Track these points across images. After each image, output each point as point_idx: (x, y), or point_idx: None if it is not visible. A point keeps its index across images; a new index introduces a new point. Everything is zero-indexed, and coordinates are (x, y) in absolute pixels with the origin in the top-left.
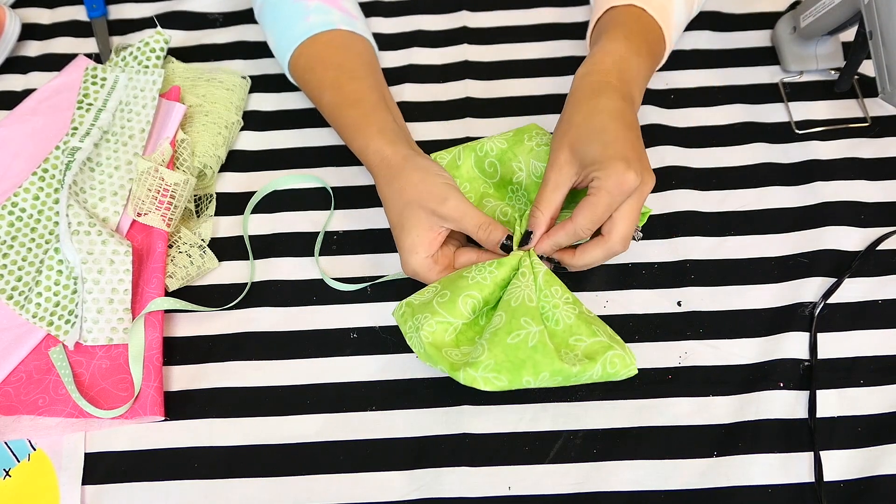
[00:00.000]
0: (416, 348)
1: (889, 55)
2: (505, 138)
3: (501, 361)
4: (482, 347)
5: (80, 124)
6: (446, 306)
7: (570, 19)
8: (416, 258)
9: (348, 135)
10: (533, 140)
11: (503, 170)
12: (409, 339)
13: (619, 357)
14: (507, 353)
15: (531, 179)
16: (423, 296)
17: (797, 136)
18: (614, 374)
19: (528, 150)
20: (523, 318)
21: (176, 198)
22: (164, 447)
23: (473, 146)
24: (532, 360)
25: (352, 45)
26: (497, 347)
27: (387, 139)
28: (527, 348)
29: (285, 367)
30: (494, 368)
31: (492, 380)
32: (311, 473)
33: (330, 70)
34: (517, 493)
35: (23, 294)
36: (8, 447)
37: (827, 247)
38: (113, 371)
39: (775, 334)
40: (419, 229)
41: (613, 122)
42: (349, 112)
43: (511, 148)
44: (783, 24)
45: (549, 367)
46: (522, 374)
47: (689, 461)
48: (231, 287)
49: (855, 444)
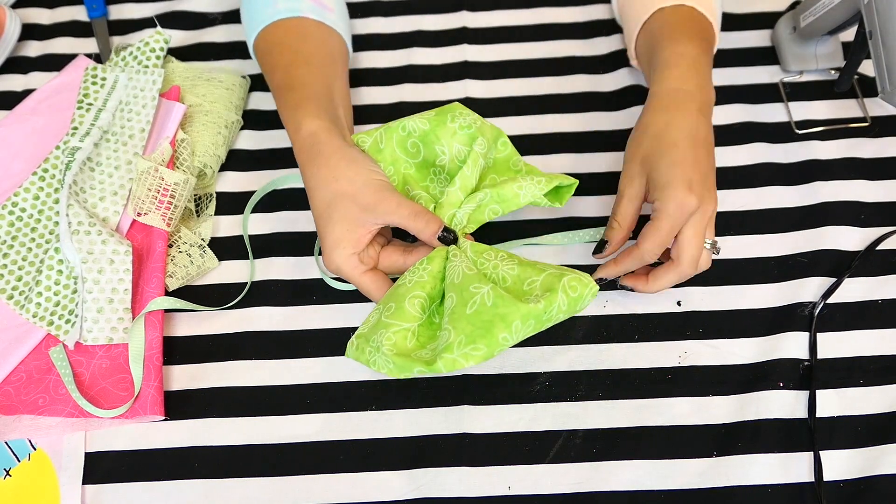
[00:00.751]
0: (384, 368)
1: (889, 55)
2: (427, 118)
3: (471, 333)
4: (447, 331)
5: (80, 124)
6: (396, 315)
7: (570, 19)
8: (342, 253)
9: (285, 114)
10: (456, 122)
11: (426, 151)
12: (374, 365)
13: (575, 280)
14: (472, 321)
15: (454, 164)
16: (368, 323)
17: (797, 135)
18: (578, 297)
19: (451, 132)
20: (471, 285)
21: (176, 197)
22: (164, 447)
23: (395, 126)
24: (498, 315)
25: (314, 33)
26: (460, 322)
27: (322, 123)
28: (487, 309)
29: (285, 366)
30: (468, 342)
31: (470, 353)
32: (310, 473)
33: (285, 54)
34: (517, 492)
35: (23, 294)
36: (8, 447)
37: (827, 247)
38: (113, 371)
39: (775, 334)
40: (347, 223)
41: (686, 140)
42: (291, 93)
43: (434, 130)
44: (783, 23)
45: (516, 314)
46: (496, 333)
47: (688, 461)
48: (231, 287)
49: (855, 443)
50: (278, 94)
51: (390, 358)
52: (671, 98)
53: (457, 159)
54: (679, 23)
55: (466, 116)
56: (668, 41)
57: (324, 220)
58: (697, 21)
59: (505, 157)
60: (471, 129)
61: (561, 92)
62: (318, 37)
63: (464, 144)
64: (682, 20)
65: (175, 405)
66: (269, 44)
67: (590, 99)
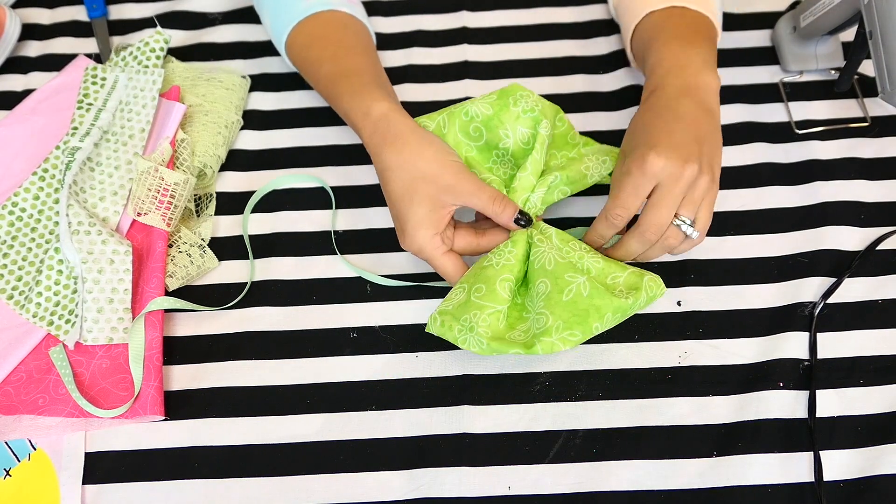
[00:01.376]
0: (474, 347)
1: (889, 55)
2: (489, 102)
3: (567, 319)
4: (544, 316)
5: (80, 124)
6: (488, 297)
7: (569, 19)
8: (426, 234)
9: (346, 101)
10: (518, 105)
11: (489, 135)
12: (463, 343)
13: (653, 281)
14: (569, 309)
15: (518, 147)
16: (452, 300)
17: (797, 135)
18: (653, 297)
19: (514, 116)
20: (566, 274)
21: (176, 197)
22: (164, 447)
23: (457, 111)
24: (593, 306)
25: (350, 25)
26: (557, 308)
27: (392, 105)
28: (584, 298)
29: (285, 366)
30: (565, 327)
31: (567, 338)
32: (310, 473)
33: (329, 46)
34: (517, 492)
35: (23, 294)
36: (8, 447)
37: (827, 246)
38: (113, 371)
39: (775, 334)
40: (430, 204)
41: (656, 117)
42: (349, 80)
43: (497, 114)
44: (783, 23)
45: (609, 306)
46: (590, 321)
47: (688, 461)
48: (231, 287)
49: (855, 443)
50: (332, 84)
51: (485, 340)
52: (656, 96)
53: (521, 142)
54: (671, 24)
55: (528, 98)
56: (659, 43)
57: (405, 202)
58: (689, 18)
59: (563, 131)
60: (534, 113)
61: (561, 92)
62: (354, 28)
63: (528, 128)
64: (674, 21)
65: (175, 405)
66: (309, 37)
67: (590, 99)
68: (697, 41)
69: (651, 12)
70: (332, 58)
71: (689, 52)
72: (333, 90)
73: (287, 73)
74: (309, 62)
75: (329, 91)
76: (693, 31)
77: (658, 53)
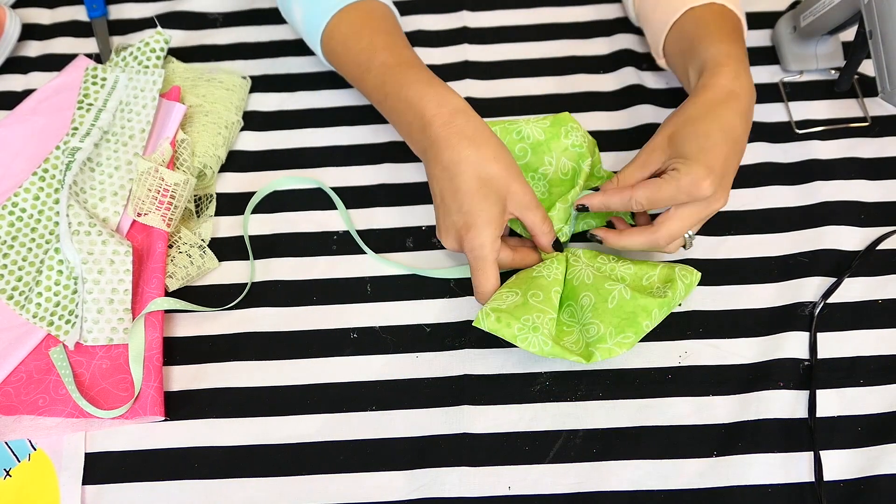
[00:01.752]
0: (534, 348)
1: (889, 55)
2: (542, 128)
3: (618, 324)
4: (594, 325)
5: (81, 124)
6: (546, 303)
7: (570, 19)
8: (492, 234)
9: (415, 89)
10: (569, 138)
11: (533, 158)
12: (523, 341)
13: (684, 269)
14: (617, 314)
15: (557, 176)
16: (504, 300)
17: (797, 135)
18: (691, 283)
19: (563, 147)
20: (605, 283)
21: (176, 198)
22: (164, 447)
23: (511, 128)
24: (639, 306)
25: (390, 15)
26: (605, 316)
27: (464, 100)
28: (628, 302)
29: (285, 367)
30: (618, 332)
31: (622, 341)
32: (311, 473)
33: (380, 34)
34: (517, 492)
35: (23, 294)
36: (8, 447)
37: (827, 246)
38: (113, 371)
39: (775, 334)
40: (500, 206)
41: (720, 134)
42: (414, 71)
43: (548, 142)
44: (783, 23)
45: (653, 304)
46: (639, 321)
47: (689, 461)
48: (231, 287)
49: (855, 443)
50: (391, 72)
51: (549, 341)
52: (719, 93)
53: (561, 172)
54: (716, 21)
55: (577, 132)
56: (712, 40)
57: (478, 198)
58: (731, 20)
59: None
60: (581, 149)
61: (561, 92)
62: (395, 21)
63: (571, 160)
64: (718, 18)
65: (175, 406)
66: (354, 26)
67: (590, 99)
68: (740, 42)
69: (692, 8)
70: (387, 46)
71: (738, 54)
72: (396, 78)
73: (288, 74)
74: (357, 50)
75: (386, 78)
76: (736, 31)
77: (709, 51)
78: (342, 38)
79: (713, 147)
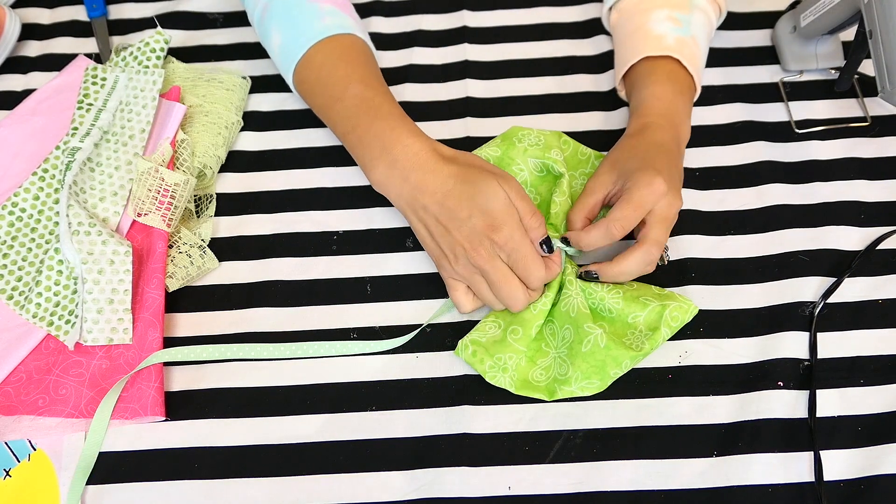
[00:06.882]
0: (500, 383)
1: (889, 54)
2: (495, 145)
3: (586, 370)
4: (566, 364)
5: (81, 124)
6: (521, 341)
7: (570, 19)
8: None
9: (388, 122)
10: (524, 141)
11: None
12: (493, 378)
13: (677, 310)
14: (587, 360)
15: (534, 176)
16: (485, 333)
17: (797, 135)
18: (681, 324)
19: (522, 151)
20: (585, 325)
21: (176, 198)
22: (164, 447)
23: None
24: (610, 356)
25: (369, 53)
26: (577, 359)
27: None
28: (601, 350)
29: (285, 367)
30: (584, 377)
31: (586, 386)
32: (311, 473)
33: (357, 67)
34: (517, 492)
35: (23, 294)
36: (8, 447)
37: (827, 246)
38: (113, 371)
39: (775, 333)
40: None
41: (656, 149)
42: (389, 104)
43: (506, 153)
44: (783, 23)
45: (625, 356)
46: (608, 370)
47: (688, 461)
48: (231, 288)
49: (855, 443)
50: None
51: (515, 382)
52: (647, 125)
53: (535, 171)
54: (661, 71)
55: (530, 134)
56: (649, 83)
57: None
58: (678, 73)
59: (571, 152)
60: (539, 145)
61: (561, 92)
62: (372, 58)
63: (537, 157)
64: (664, 69)
65: (175, 406)
66: (330, 57)
67: (590, 99)
68: (686, 93)
69: (648, 56)
70: (362, 79)
71: (678, 101)
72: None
73: None
74: (331, 81)
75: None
76: (684, 84)
77: (649, 91)
78: (316, 68)
79: (654, 157)
